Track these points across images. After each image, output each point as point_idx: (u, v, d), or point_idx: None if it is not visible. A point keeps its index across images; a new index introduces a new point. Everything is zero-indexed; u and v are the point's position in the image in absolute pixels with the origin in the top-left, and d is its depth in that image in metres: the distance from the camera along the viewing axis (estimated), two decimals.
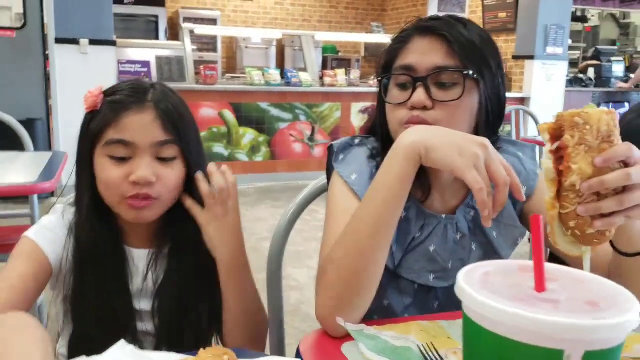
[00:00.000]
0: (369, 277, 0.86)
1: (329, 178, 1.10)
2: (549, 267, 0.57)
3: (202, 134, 5.52)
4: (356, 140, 1.09)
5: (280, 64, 8.95)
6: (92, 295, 0.96)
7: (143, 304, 1.01)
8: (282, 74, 5.97)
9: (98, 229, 0.97)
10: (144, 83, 1.00)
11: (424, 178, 1.03)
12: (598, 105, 6.24)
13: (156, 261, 1.02)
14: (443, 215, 1.05)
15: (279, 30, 8.11)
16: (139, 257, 1.02)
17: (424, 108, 0.97)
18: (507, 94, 5.50)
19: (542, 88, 6.68)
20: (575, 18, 9.65)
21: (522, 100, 6.64)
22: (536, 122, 4.30)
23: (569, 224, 0.70)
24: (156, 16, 8.41)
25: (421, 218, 1.05)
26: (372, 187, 0.87)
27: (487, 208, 0.75)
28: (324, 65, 8.53)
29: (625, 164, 0.71)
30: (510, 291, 0.53)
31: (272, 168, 5.91)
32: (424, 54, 0.98)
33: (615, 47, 9.36)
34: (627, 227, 0.83)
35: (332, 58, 9.03)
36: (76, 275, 0.97)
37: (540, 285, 0.53)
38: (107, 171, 0.94)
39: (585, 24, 10.34)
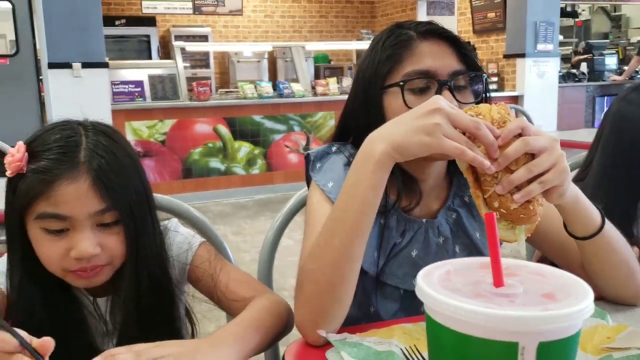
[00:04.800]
0: (345, 288, 0.85)
1: (309, 187, 1.10)
2: (509, 262, 0.58)
3: (198, 149, 5.56)
4: (333, 148, 1.09)
5: (273, 77, 9.00)
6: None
7: (111, 346, 0.97)
8: (275, 86, 6.00)
9: (39, 301, 0.90)
10: (73, 135, 0.88)
11: (413, 188, 1.04)
12: (593, 99, 6.22)
13: (114, 306, 0.95)
14: (424, 220, 1.05)
15: (270, 43, 8.17)
16: (98, 304, 0.97)
17: None
18: (501, 94, 5.54)
19: (536, 85, 6.70)
20: (565, 14, 9.69)
21: (516, 99, 6.67)
22: (530, 120, 4.31)
23: (494, 205, 0.74)
24: (148, 36, 8.48)
25: (402, 224, 1.04)
26: (342, 200, 0.85)
27: (482, 161, 0.73)
28: (317, 75, 8.56)
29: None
30: (469, 288, 0.54)
31: (269, 180, 5.93)
32: (439, 58, 0.99)
33: (607, 41, 9.38)
34: (575, 212, 0.87)
35: (325, 67, 9.06)
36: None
37: (498, 281, 0.54)
38: (44, 247, 0.86)
39: (577, 19, 10.37)
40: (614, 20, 10.80)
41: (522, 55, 6.67)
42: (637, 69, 7.39)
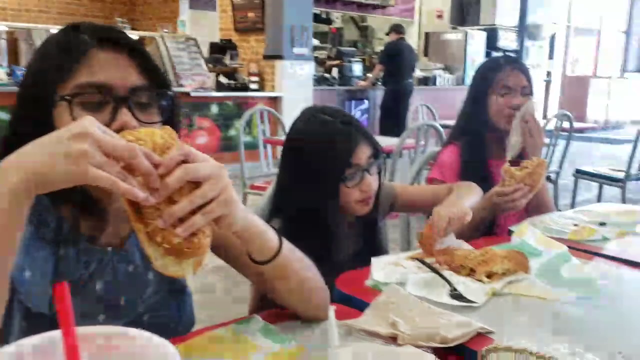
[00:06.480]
0: None
1: None
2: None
3: None
4: None
5: (14, 61, 7.97)
6: None
7: None
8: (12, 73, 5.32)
9: None
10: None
11: (96, 213, 0.92)
12: (343, 102, 6.68)
13: None
14: (109, 249, 0.95)
15: (5, 23, 7.22)
16: None
17: None
18: (261, 94, 5.62)
19: (292, 87, 7.04)
20: (321, 20, 10.39)
21: (275, 100, 6.90)
22: (280, 121, 4.41)
23: (157, 239, 0.68)
24: None
25: (84, 255, 0.92)
26: None
27: (135, 192, 0.65)
28: None
29: None
30: None
31: None
32: (117, 71, 0.87)
33: (355, 49, 10.30)
34: (250, 239, 0.87)
35: None
36: None
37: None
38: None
39: (331, 26, 11.20)
40: (362, 30, 11.92)
41: (280, 57, 6.93)
42: (378, 77, 8.21)
